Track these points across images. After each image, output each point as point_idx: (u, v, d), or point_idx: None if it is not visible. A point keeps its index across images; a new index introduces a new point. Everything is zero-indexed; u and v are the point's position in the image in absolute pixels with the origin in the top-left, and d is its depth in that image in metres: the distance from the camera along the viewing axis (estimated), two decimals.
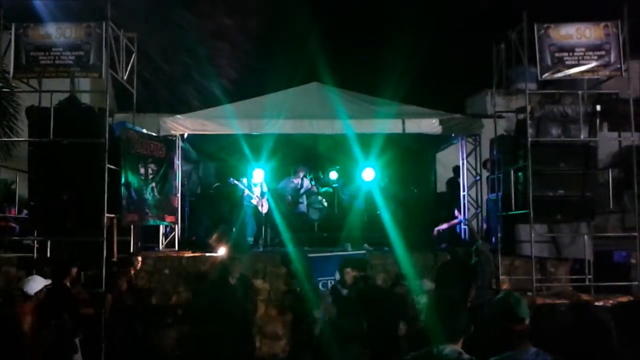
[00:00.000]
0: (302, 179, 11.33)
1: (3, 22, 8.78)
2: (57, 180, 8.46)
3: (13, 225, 10.79)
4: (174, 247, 10.45)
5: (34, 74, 8.93)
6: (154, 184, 9.71)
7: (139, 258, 8.77)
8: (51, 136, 8.36)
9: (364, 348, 6.53)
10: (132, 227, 9.22)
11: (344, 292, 7.31)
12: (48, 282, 6.31)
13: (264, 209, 11.24)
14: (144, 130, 10.03)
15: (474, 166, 11.10)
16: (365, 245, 10.44)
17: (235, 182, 11.31)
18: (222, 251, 9.76)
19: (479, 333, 3.24)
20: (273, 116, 10.65)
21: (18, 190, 9.84)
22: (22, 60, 8.78)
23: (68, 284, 7.49)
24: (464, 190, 11.17)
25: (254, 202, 11.14)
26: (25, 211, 10.02)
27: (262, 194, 11.17)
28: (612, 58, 9.09)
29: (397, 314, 6.93)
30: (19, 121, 11.84)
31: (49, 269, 7.52)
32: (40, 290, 6.11)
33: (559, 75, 9.15)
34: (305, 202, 11.47)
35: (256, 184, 11.16)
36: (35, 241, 8.81)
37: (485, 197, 11.18)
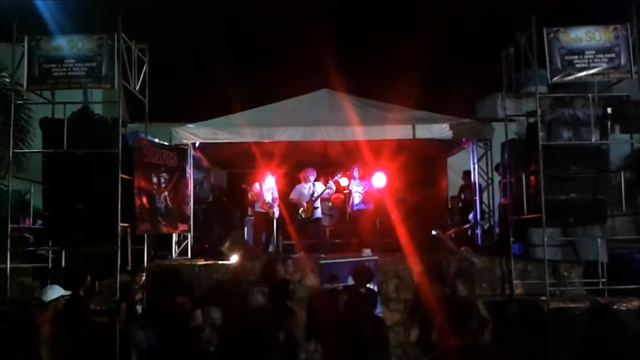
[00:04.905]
0: (313, 183, 11.30)
1: (16, 34, 8.89)
2: (71, 191, 8.54)
3: (27, 235, 10.89)
4: (187, 255, 10.50)
5: (47, 86, 9.03)
6: (166, 193, 9.76)
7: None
8: (65, 147, 8.45)
9: None
10: (145, 236, 9.28)
11: None
12: (67, 293, 6.37)
13: (275, 215, 11.28)
14: (156, 140, 10.11)
15: (485, 170, 11.09)
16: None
17: (247, 187, 11.37)
18: (234, 259, 9.81)
19: None
20: (284, 124, 10.70)
21: (32, 201, 9.93)
22: (35, 72, 8.88)
23: (82, 293, 7.56)
24: (476, 195, 11.16)
25: (265, 208, 11.18)
26: (39, 221, 10.11)
27: (273, 200, 11.21)
28: (623, 60, 9.07)
29: None
30: (30, 133, 11.97)
31: (64, 279, 7.58)
32: (58, 300, 6.16)
33: (569, 78, 9.14)
34: (320, 208, 11.42)
35: (267, 190, 11.20)
36: (50, 251, 8.88)
37: (497, 201, 11.15)
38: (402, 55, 19.10)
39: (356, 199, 11.23)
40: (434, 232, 10.12)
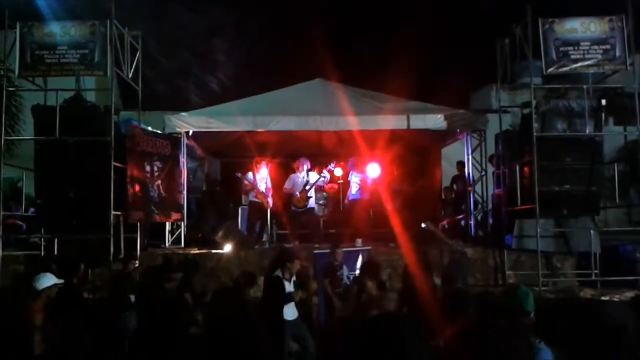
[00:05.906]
0: (307, 173, 11.25)
1: (8, 21, 8.80)
2: (63, 178, 8.50)
3: (20, 223, 10.85)
4: (180, 244, 10.48)
5: (40, 73, 8.96)
6: (159, 182, 9.73)
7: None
8: (57, 134, 8.40)
9: None
10: (138, 224, 9.24)
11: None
12: (60, 281, 6.33)
13: (268, 205, 11.25)
14: (149, 128, 10.06)
15: (479, 161, 11.09)
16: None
17: (241, 176, 11.33)
18: (228, 248, 9.79)
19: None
20: (277, 113, 10.66)
21: (25, 189, 9.87)
22: (27, 58, 8.81)
23: (76, 281, 7.53)
24: (469, 185, 11.16)
25: (258, 197, 11.14)
26: (32, 209, 10.06)
27: (267, 190, 11.17)
28: (617, 52, 9.08)
29: None
30: (20, 120, 11.89)
31: (58, 267, 7.54)
32: (51, 289, 6.13)
33: (564, 69, 9.14)
34: (314, 197, 11.38)
35: (261, 179, 11.16)
36: (42, 239, 8.84)
37: (490, 192, 11.17)
38: (396, 47, 19.06)
39: (354, 189, 11.21)
40: (423, 225, 10.12)
